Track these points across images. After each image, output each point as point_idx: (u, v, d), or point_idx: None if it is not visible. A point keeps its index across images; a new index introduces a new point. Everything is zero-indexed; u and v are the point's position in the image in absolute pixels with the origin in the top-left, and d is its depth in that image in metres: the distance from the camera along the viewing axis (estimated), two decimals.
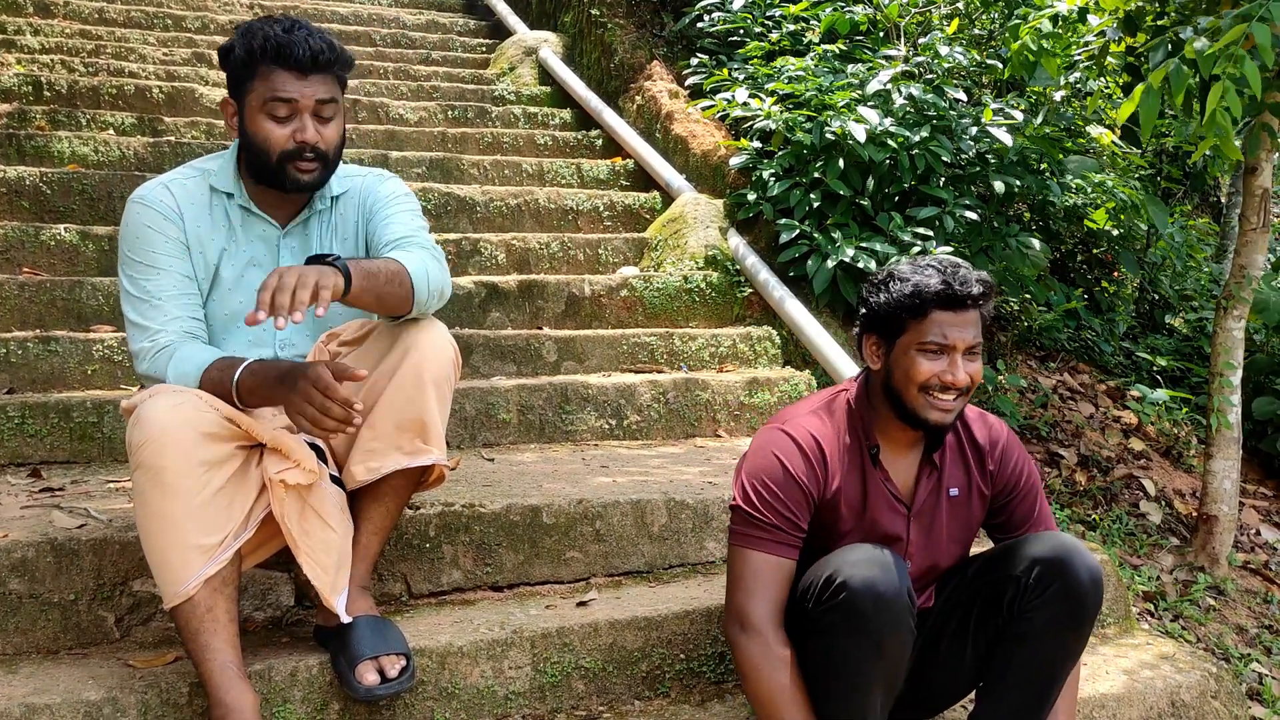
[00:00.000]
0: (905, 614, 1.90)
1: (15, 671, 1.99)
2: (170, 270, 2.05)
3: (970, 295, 1.98)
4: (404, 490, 2.12)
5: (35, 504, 2.42)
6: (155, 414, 1.83)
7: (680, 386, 3.61)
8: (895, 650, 1.92)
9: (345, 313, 2.18)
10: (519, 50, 6.43)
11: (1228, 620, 3.44)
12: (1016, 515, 2.22)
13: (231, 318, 2.13)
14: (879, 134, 4.05)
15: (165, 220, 2.06)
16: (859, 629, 1.88)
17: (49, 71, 5.25)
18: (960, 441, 2.19)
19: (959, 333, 1.99)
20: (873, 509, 2.11)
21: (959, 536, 2.19)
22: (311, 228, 2.19)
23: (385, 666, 1.99)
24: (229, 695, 1.85)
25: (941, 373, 1.99)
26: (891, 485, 2.12)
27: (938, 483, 2.15)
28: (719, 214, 4.52)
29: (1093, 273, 5.34)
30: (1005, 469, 2.19)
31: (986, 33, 4.97)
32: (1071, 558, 2.01)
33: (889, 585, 1.88)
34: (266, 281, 1.73)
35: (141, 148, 4.42)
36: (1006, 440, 2.21)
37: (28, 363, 3.08)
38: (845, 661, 1.92)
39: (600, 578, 2.61)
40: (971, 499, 2.18)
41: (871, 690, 1.94)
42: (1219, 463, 3.62)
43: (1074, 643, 2.05)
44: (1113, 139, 5.25)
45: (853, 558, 1.93)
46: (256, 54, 2.01)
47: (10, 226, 3.65)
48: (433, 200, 4.49)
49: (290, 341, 2.18)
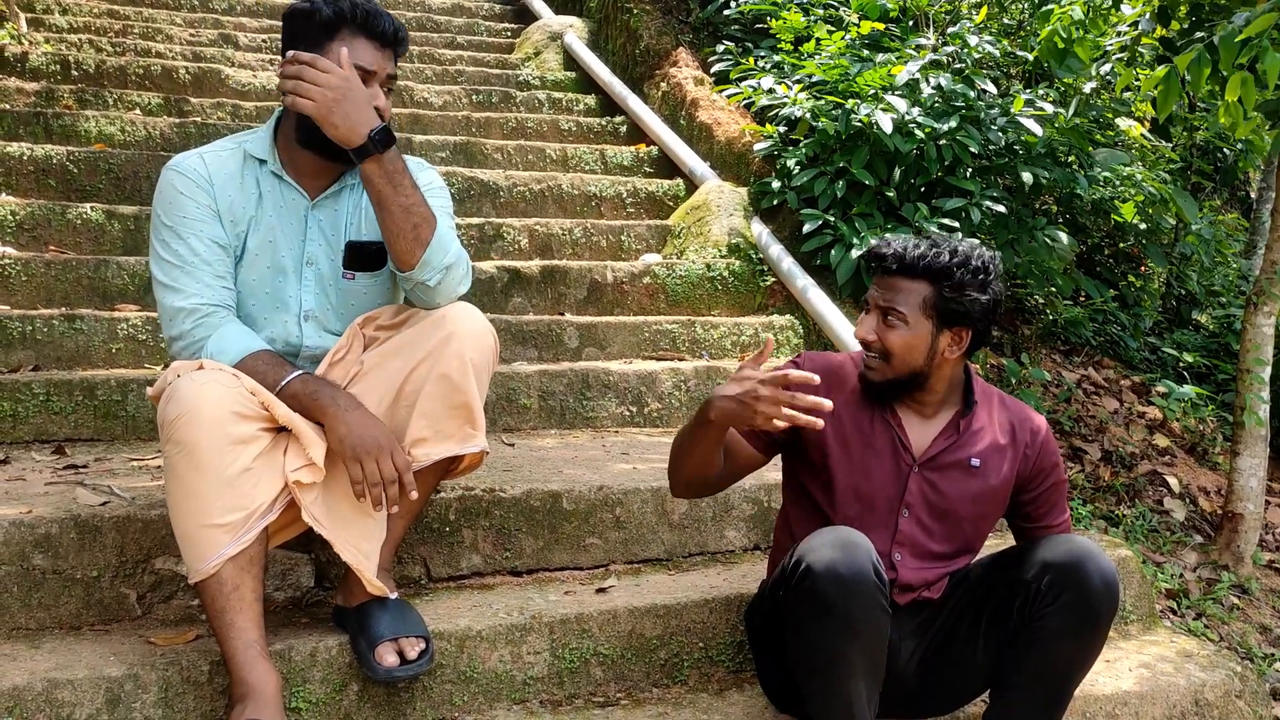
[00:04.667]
0: (873, 591, 1.85)
1: (38, 646, 2.00)
2: (200, 235, 2.04)
3: (882, 256, 2.08)
4: (433, 477, 2.11)
5: (59, 481, 2.43)
6: (189, 390, 1.84)
7: (702, 375, 3.60)
8: (867, 630, 1.87)
9: (380, 297, 2.20)
10: (544, 35, 6.41)
11: (1251, 620, 3.40)
12: (1042, 505, 2.21)
13: (253, 286, 2.11)
14: (906, 123, 4.01)
15: (196, 187, 2.05)
16: (826, 612, 1.85)
17: (76, 51, 5.28)
18: (992, 417, 2.18)
19: (876, 293, 2.10)
20: (873, 453, 2.11)
21: (973, 514, 2.15)
22: (341, 202, 2.17)
23: (405, 648, 2.00)
24: (251, 674, 1.85)
25: (858, 328, 2.12)
26: (902, 433, 2.13)
27: (956, 445, 2.14)
28: (742, 202, 4.50)
29: (1119, 267, 5.29)
30: (1044, 455, 2.19)
31: (1016, 22, 4.92)
32: (1085, 563, 1.98)
33: (850, 565, 1.85)
34: (365, 476, 1.91)
35: (167, 128, 4.43)
36: (1045, 433, 2.22)
37: (53, 341, 3.10)
38: (818, 646, 1.89)
39: (619, 565, 2.61)
40: (994, 476, 2.15)
41: (850, 674, 1.89)
42: (1245, 460, 3.58)
43: (1088, 649, 2.02)
44: (1142, 132, 5.19)
45: (816, 542, 1.91)
46: (346, 17, 2.03)
47: (37, 205, 3.67)
48: (456, 184, 4.49)
49: (315, 313, 2.15)
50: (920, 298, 2.06)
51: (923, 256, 2.05)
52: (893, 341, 2.06)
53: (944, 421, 2.16)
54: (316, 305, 2.15)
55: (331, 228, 2.15)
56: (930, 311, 2.06)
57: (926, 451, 2.13)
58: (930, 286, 2.06)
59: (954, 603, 2.15)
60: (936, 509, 2.13)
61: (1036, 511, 2.22)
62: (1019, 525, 2.26)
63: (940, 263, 2.05)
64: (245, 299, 2.11)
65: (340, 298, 2.16)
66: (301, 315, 2.14)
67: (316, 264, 2.14)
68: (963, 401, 2.17)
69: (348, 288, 2.16)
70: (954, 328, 2.08)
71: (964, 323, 2.08)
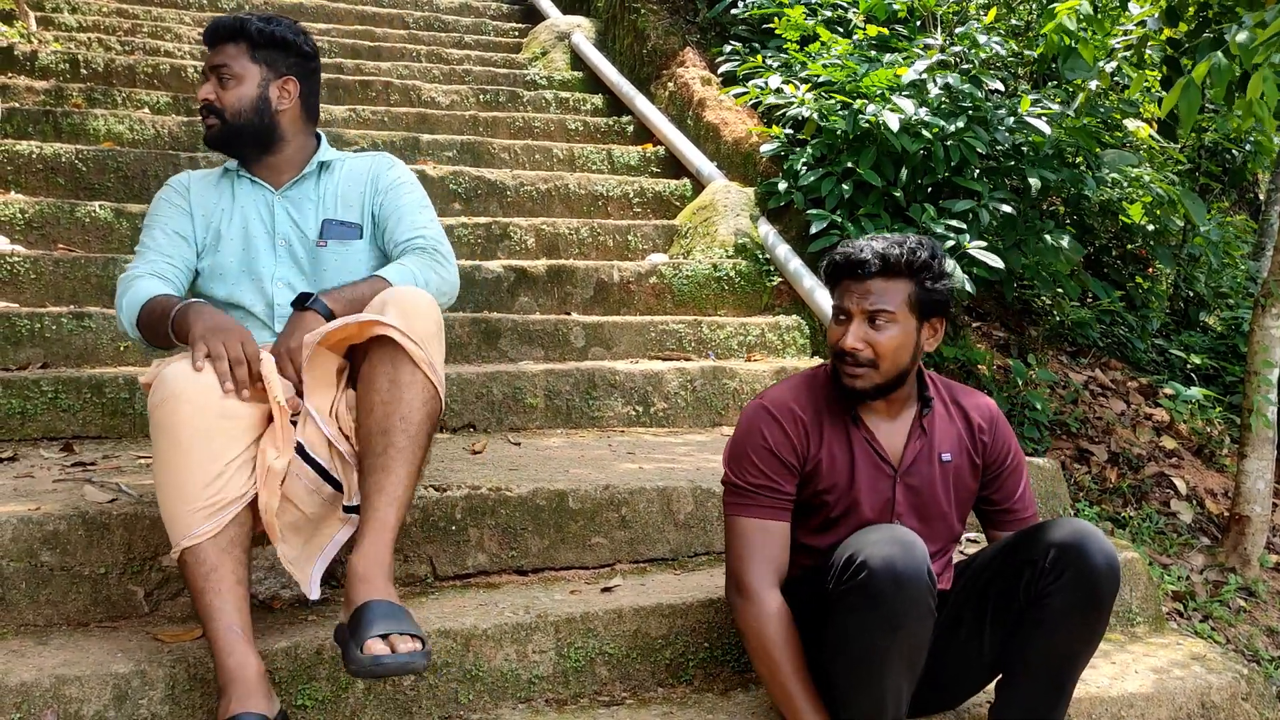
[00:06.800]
0: (925, 594, 1.89)
1: (46, 643, 2.01)
2: (165, 228, 2.36)
3: (861, 262, 2.05)
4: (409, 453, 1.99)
5: (67, 478, 2.44)
6: (175, 376, 1.94)
7: (708, 375, 3.60)
8: (915, 629, 1.90)
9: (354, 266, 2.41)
10: (551, 35, 6.41)
11: (1258, 622, 3.40)
12: (1006, 488, 2.26)
13: (230, 267, 2.38)
14: (913, 124, 4.01)
15: (175, 192, 2.43)
16: (878, 607, 1.87)
17: (86, 50, 5.29)
18: (949, 411, 2.22)
19: (856, 300, 2.07)
20: (860, 473, 2.13)
21: (953, 504, 2.20)
22: (304, 188, 2.42)
23: (395, 644, 1.83)
24: (230, 659, 1.83)
25: (840, 339, 2.08)
26: (878, 445, 2.15)
27: (929, 447, 2.17)
28: (749, 202, 4.49)
29: (1127, 268, 5.27)
30: (997, 442, 2.24)
31: (1024, 23, 4.91)
32: (1087, 542, 2.00)
33: (909, 564, 1.87)
34: (211, 351, 2.00)
35: (176, 127, 4.44)
36: (996, 414, 2.26)
37: (61, 338, 3.11)
38: (863, 639, 1.91)
39: (625, 564, 2.61)
40: (964, 467, 2.21)
41: (891, 669, 1.92)
42: (1253, 462, 3.57)
43: (1092, 627, 2.04)
44: (1150, 133, 5.18)
45: (873, 537, 1.93)
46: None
47: (46, 203, 3.68)
48: (463, 183, 4.49)
49: (287, 279, 2.37)
50: (904, 295, 2.07)
51: (903, 255, 2.06)
52: (885, 345, 2.06)
53: (908, 421, 2.18)
54: (290, 273, 2.38)
55: (297, 211, 2.41)
56: (914, 307, 2.08)
57: (903, 459, 2.16)
58: (910, 282, 2.07)
59: (959, 589, 2.18)
60: (922, 511, 2.17)
61: (1001, 494, 2.26)
62: (986, 512, 2.29)
63: (920, 258, 2.06)
64: (225, 274, 2.37)
65: (313, 266, 2.39)
66: (274, 281, 2.37)
67: (289, 242, 2.40)
68: (919, 397, 2.20)
69: (319, 255, 2.39)
70: (931, 319, 2.12)
71: (941, 312, 2.13)
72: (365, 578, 1.93)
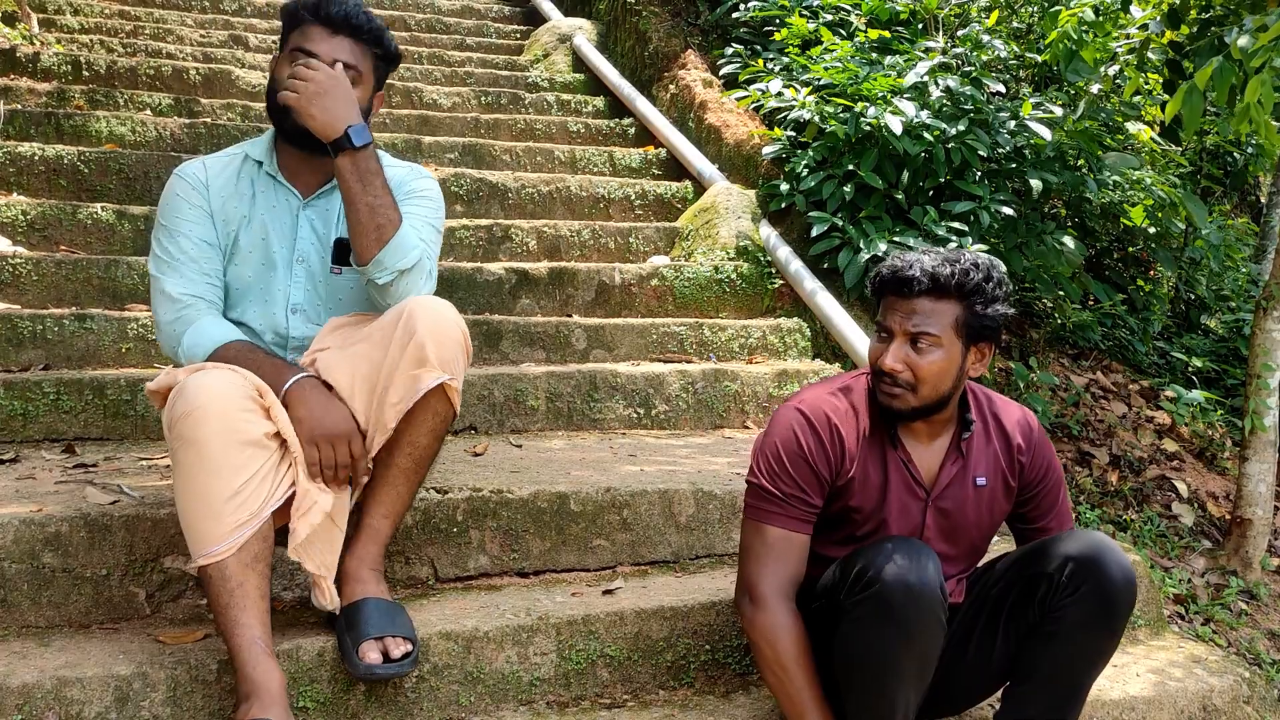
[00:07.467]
0: (937, 606, 1.87)
1: (48, 644, 2.01)
2: (190, 235, 2.14)
3: (908, 280, 1.97)
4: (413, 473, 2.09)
5: (69, 479, 2.44)
6: (198, 388, 1.88)
7: (709, 377, 3.60)
8: (925, 642, 1.90)
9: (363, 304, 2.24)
10: (553, 37, 6.41)
11: (1259, 625, 3.39)
12: (1041, 507, 2.21)
13: (246, 284, 2.19)
14: (915, 126, 4.01)
15: (192, 189, 2.17)
16: (889, 619, 1.86)
17: (88, 51, 5.30)
18: (988, 429, 2.16)
19: (900, 319, 1.99)
20: (891, 495, 2.09)
21: (982, 527, 2.16)
22: (334, 200, 2.22)
23: (389, 648, 1.99)
24: (255, 671, 1.85)
25: (880, 358, 2.01)
26: (913, 468, 2.10)
27: (963, 470, 2.12)
28: (751, 205, 4.49)
29: (1128, 271, 5.27)
30: (1036, 463, 2.18)
31: (1026, 25, 4.91)
32: (1104, 556, 1.98)
33: (921, 577, 1.86)
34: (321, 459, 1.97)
35: (178, 128, 4.45)
36: (1039, 434, 2.19)
37: (63, 340, 3.11)
38: (873, 651, 1.90)
39: (626, 566, 2.61)
40: (998, 490, 2.15)
41: (900, 682, 1.92)
42: (1254, 465, 3.57)
43: (1105, 642, 2.02)
44: (1151, 136, 5.18)
45: (886, 548, 1.91)
46: (297, 7, 2.15)
47: (48, 205, 3.69)
48: (465, 186, 4.50)
49: (302, 307, 2.21)
50: (951, 318, 1.98)
51: (954, 275, 1.96)
52: (926, 370, 1.98)
53: (945, 443, 2.12)
54: (305, 299, 2.21)
55: (323, 225, 2.22)
56: (961, 331, 1.99)
57: (937, 483, 2.11)
58: (960, 305, 1.98)
59: (972, 599, 2.16)
60: (950, 534, 2.14)
61: (1036, 512, 2.22)
62: (1020, 529, 2.26)
63: (972, 280, 1.97)
64: (237, 291, 2.19)
65: (328, 292, 2.23)
66: (289, 308, 2.20)
67: (307, 261, 2.21)
68: (959, 419, 2.13)
69: (335, 283, 2.23)
70: (978, 344, 2.03)
71: (990, 338, 2.03)
72: (358, 576, 2.05)
